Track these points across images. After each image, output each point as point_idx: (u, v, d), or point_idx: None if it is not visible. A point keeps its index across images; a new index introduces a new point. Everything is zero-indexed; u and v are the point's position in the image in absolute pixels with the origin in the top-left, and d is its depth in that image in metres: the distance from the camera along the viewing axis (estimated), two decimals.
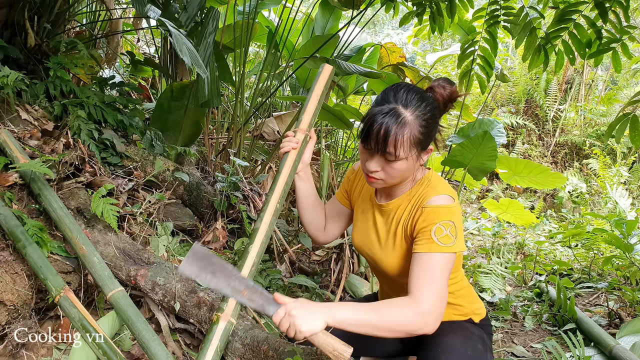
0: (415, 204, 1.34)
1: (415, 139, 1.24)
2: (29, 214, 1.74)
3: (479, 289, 3.12)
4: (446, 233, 1.24)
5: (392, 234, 1.40)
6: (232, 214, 2.55)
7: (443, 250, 1.23)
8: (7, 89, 1.85)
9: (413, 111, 1.24)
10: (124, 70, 3.87)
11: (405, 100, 1.25)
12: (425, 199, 1.31)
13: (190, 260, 1.12)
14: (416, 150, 1.27)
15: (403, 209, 1.37)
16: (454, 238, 1.24)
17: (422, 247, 1.25)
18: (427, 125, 1.26)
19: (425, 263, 1.23)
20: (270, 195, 1.44)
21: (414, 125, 1.23)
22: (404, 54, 3.49)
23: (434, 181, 1.37)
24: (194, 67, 2.02)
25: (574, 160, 7.22)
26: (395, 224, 1.39)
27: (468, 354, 1.30)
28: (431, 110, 1.28)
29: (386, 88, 1.31)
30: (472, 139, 2.47)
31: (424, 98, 1.27)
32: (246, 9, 3.27)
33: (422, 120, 1.25)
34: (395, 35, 10.08)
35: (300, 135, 1.53)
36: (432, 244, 1.24)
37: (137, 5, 2.06)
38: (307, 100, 1.57)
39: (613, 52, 2.26)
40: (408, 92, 1.26)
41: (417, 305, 1.18)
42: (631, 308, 2.64)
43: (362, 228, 1.51)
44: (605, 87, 7.77)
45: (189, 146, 2.68)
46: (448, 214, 1.27)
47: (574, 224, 4.95)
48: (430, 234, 1.24)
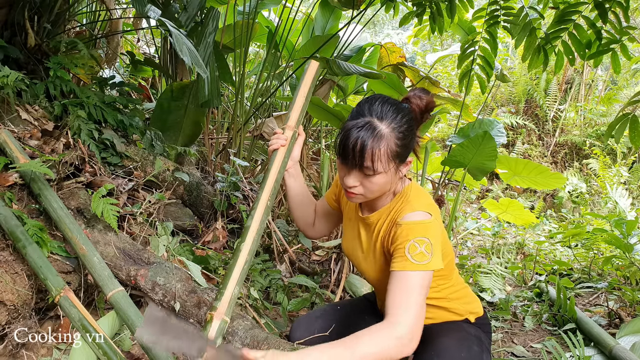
0: (392, 219, 1.31)
1: (393, 152, 1.21)
2: (29, 214, 1.74)
3: (479, 288, 3.12)
4: (420, 250, 1.19)
5: (372, 247, 1.38)
6: (232, 214, 2.55)
7: (418, 269, 1.18)
8: (7, 89, 1.85)
9: (389, 124, 1.21)
10: (124, 70, 3.87)
11: (380, 113, 1.22)
12: (400, 215, 1.28)
13: (148, 327, 1.02)
14: (394, 163, 1.24)
15: (382, 222, 1.35)
16: (429, 255, 1.19)
17: (396, 265, 1.21)
18: (404, 137, 1.23)
19: (400, 282, 1.18)
20: (260, 193, 1.43)
21: (391, 138, 1.20)
22: (404, 54, 3.49)
23: (412, 195, 1.33)
24: (194, 67, 2.02)
25: (574, 160, 7.22)
26: (375, 237, 1.37)
27: (462, 356, 1.28)
28: (408, 122, 1.25)
29: (360, 101, 1.29)
30: (472, 139, 2.47)
31: (399, 110, 1.25)
32: (246, 9, 3.27)
33: (398, 132, 1.22)
34: (395, 35, 10.08)
35: (288, 132, 1.53)
36: (406, 262, 1.19)
37: (137, 5, 2.06)
38: (295, 97, 1.58)
39: (612, 53, 2.26)
40: (383, 105, 1.23)
41: (393, 329, 1.12)
42: (631, 308, 2.64)
43: (349, 236, 1.50)
44: (605, 87, 7.77)
45: (189, 146, 2.68)
46: (422, 230, 1.23)
47: (574, 224, 4.95)
48: (404, 251, 1.20)
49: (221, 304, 1.28)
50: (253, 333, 1.52)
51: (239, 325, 1.56)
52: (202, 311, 1.66)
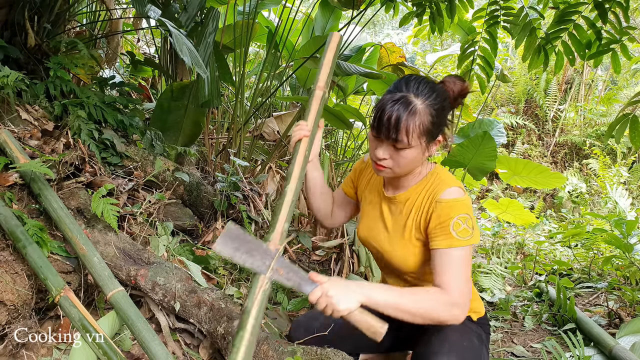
0: (426, 198, 1.35)
1: (425, 128, 1.25)
2: (29, 214, 1.74)
3: (478, 288, 3.12)
4: (464, 227, 1.26)
5: (402, 226, 1.40)
6: (232, 214, 2.56)
7: (463, 244, 1.26)
8: (7, 89, 1.85)
9: (424, 100, 1.25)
10: (124, 70, 3.87)
11: (417, 90, 1.26)
12: (437, 193, 1.32)
13: (224, 240, 1.13)
14: (425, 140, 1.27)
15: (413, 202, 1.38)
16: (471, 230, 1.27)
17: (442, 243, 1.27)
18: (437, 115, 1.27)
19: (448, 258, 1.26)
20: (287, 183, 1.42)
21: (424, 114, 1.24)
22: (403, 54, 3.49)
23: (443, 175, 1.38)
24: (194, 67, 2.02)
25: (573, 160, 7.23)
26: (405, 217, 1.40)
27: (464, 345, 1.33)
28: (441, 102, 1.28)
29: (398, 79, 1.33)
30: (472, 139, 2.48)
31: (435, 89, 1.28)
32: (246, 9, 3.27)
33: (432, 109, 1.25)
34: (395, 35, 10.08)
35: (318, 92, 1.51)
36: (452, 239, 1.26)
37: (137, 5, 2.06)
38: (321, 63, 1.55)
39: (612, 53, 2.26)
40: (420, 83, 1.27)
41: (448, 297, 1.21)
42: (631, 308, 2.64)
43: (369, 220, 1.51)
44: (605, 87, 7.77)
45: (189, 146, 2.68)
46: (463, 207, 1.28)
47: (574, 224, 4.95)
48: (449, 229, 1.26)
49: (274, 235, 1.30)
50: None
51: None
52: (202, 311, 1.66)
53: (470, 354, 1.33)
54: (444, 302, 1.21)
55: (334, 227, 1.78)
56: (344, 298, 1.14)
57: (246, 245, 1.15)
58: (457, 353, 1.31)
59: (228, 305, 1.67)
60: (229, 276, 2.09)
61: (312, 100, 1.56)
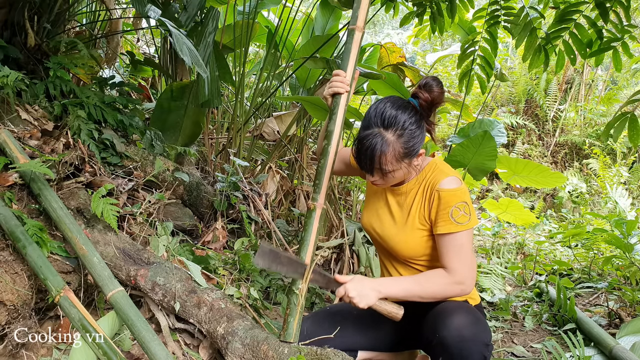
0: (427, 187, 1.50)
1: (400, 155, 1.39)
2: (29, 214, 1.74)
3: (479, 288, 3.12)
4: (461, 213, 1.43)
5: (406, 214, 1.54)
6: (232, 214, 2.55)
7: (462, 229, 1.43)
8: (7, 89, 1.84)
9: (394, 131, 1.38)
10: (124, 70, 3.87)
11: (386, 122, 1.38)
12: (437, 182, 1.47)
13: (261, 257, 1.43)
14: (405, 160, 1.41)
15: (415, 192, 1.53)
16: (468, 216, 1.43)
17: (443, 229, 1.44)
18: (411, 138, 1.39)
19: (450, 242, 1.44)
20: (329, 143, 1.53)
21: (397, 144, 1.38)
22: (404, 54, 3.49)
23: (441, 165, 1.53)
24: (194, 66, 2.02)
25: (574, 160, 7.22)
26: (409, 204, 1.54)
27: (471, 309, 1.49)
28: (414, 123, 1.40)
29: (369, 108, 1.45)
30: (472, 139, 2.47)
31: (405, 110, 1.40)
32: (246, 9, 3.27)
33: (404, 135, 1.38)
34: (395, 35, 10.08)
35: (358, 34, 1.54)
36: (451, 225, 1.43)
37: (137, 5, 2.06)
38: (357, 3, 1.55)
39: (614, 51, 2.26)
40: (386, 113, 1.39)
41: (453, 276, 1.43)
42: (631, 308, 2.64)
43: (373, 208, 1.64)
44: (605, 87, 7.77)
45: (189, 146, 2.68)
46: (461, 195, 1.44)
47: (574, 224, 4.95)
48: (449, 216, 1.43)
49: (320, 196, 1.52)
50: (253, 333, 1.52)
51: (239, 325, 1.56)
52: (202, 311, 1.66)
53: (476, 312, 1.48)
54: (449, 282, 1.43)
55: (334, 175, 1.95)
56: (364, 297, 1.41)
57: (279, 259, 1.44)
58: (466, 309, 1.45)
59: (228, 305, 1.67)
60: (229, 276, 2.09)
61: (352, 45, 1.51)
